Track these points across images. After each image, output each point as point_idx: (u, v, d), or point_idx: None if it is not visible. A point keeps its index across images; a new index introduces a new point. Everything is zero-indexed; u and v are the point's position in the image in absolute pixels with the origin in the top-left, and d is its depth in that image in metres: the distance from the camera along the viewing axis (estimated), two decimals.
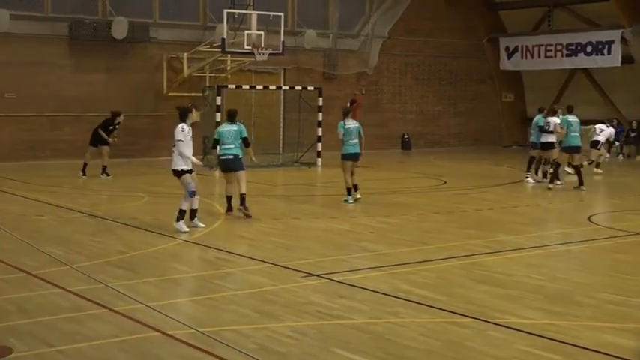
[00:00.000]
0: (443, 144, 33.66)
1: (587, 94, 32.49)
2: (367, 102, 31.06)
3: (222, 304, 8.57)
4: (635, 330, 7.77)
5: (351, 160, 16.51)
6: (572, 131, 18.95)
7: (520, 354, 6.99)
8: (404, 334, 7.52)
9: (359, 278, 9.74)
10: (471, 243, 12.26)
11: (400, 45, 31.95)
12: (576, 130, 19.04)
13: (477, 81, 34.82)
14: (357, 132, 16.53)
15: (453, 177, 22.09)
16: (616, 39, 30.02)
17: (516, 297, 8.99)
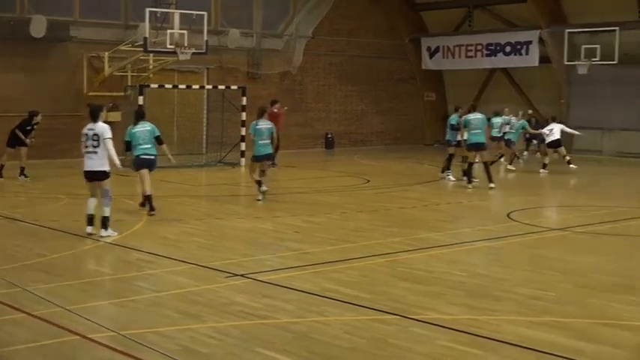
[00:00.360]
0: (366, 143, 33.91)
1: (506, 92, 33.16)
2: (291, 101, 31.10)
3: (144, 306, 8.47)
4: (552, 323, 7.96)
5: (260, 160, 16.50)
6: (473, 129, 19.21)
7: (443, 349, 7.09)
8: (328, 332, 7.55)
9: (283, 278, 9.74)
10: (394, 241, 12.39)
11: (324, 45, 32.07)
12: (478, 128, 19.26)
13: (399, 80, 35.17)
14: (269, 133, 16.48)
15: (376, 175, 22.27)
16: (534, 39, 30.68)
17: (438, 293, 9.12)
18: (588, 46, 28.29)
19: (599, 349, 7.13)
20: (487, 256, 11.68)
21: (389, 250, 11.62)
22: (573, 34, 29.04)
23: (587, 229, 13.90)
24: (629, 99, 29.05)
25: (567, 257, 11.46)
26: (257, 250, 11.74)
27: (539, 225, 14.17)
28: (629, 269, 10.72)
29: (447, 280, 9.80)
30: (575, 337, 7.51)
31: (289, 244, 12.12)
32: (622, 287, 9.58)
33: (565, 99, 30.85)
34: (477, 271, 10.36)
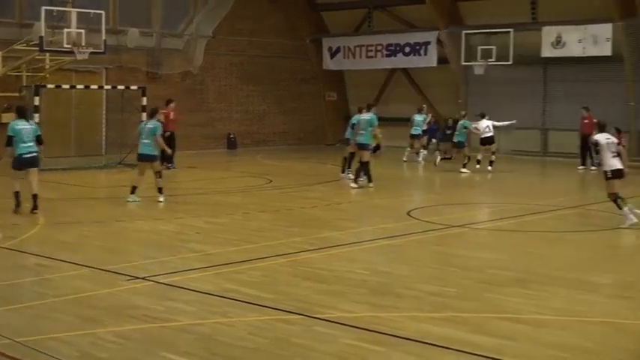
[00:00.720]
0: (268, 143, 33.89)
1: (405, 92, 33.67)
2: (193, 102, 30.87)
3: (42, 312, 8.25)
4: (452, 318, 8.12)
5: (144, 160, 16.32)
6: (360, 129, 19.49)
7: (346, 348, 7.14)
8: (231, 333, 7.51)
9: (185, 279, 9.65)
10: (296, 240, 12.42)
11: (225, 44, 31.89)
12: (363, 129, 19.50)
13: (301, 80, 35.28)
14: (152, 133, 16.30)
15: (279, 176, 22.28)
16: (432, 40, 31.24)
17: (341, 292, 9.18)
18: (484, 47, 29.01)
19: (496, 342, 7.30)
20: (388, 253, 11.81)
21: (291, 249, 11.64)
22: (470, 35, 29.73)
23: (485, 225, 14.24)
24: (523, 98, 29.87)
25: (467, 253, 11.71)
26: (158, 252, 11.58)
27: (439, 222, 14.43)
28: (524, 264, 11.01)
29: (349, 279, 9.87)
30: (474, 331, 7.67)
31: (191, 246, 12.01)
32: (518, 282, 9.84)
33: (462, 99, 31.51)
34: (378, 269, 10.47)
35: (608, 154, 13.97)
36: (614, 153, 14.01)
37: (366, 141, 19.41)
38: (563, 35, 27.70)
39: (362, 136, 19.42)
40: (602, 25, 26.88)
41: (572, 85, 28.91)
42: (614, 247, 12.64)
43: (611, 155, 13.98)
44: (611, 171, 13.98)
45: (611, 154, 13.98)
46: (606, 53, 26.86)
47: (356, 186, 19.02)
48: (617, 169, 14.02)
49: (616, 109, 27.42)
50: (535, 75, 29.93)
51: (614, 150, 14.02)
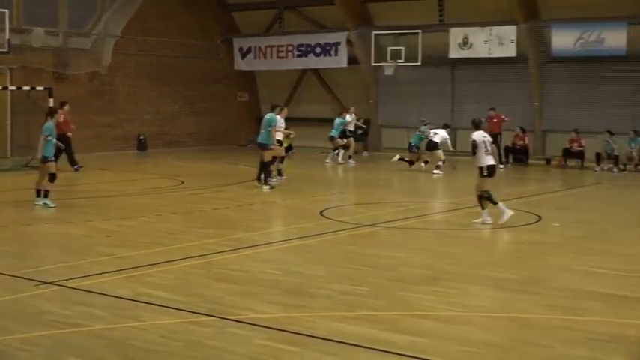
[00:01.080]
0: (180, 144, 33.59)
1: (317, 93, 33.85)
2: (101, 102, 30.40)
3: None
4: (365, 317, 8.21)
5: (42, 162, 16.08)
6: (261, 128, 19.64)
7: (259, 348, 7.15)
8: (144, 337, 7.44)
9: (96, 283, 9.50)
10: (209, 242, 12.36)
11: (134, 44, 31.46)
12: (263, 128, 19.54)
13: (212, 81, 35.07)
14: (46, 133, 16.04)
15: (191, 177, 22.12)
16: (342, 41, 31.48)
17: (254, 293, 9.19)
18: (394, 47, 29.41)
19: (409, 339, 7.42)
20: (301, 253, 11.86)
21: (204, 251, 11.58)
22: (379, 35, 30.08)
23: (396, 224, 14.42)
24: (432, 98, 30.39)
25: (378, 252, 11.85)
26: (68, 256, 11.35)
27: (352, 222, 14.56)
28: (434, 261, 11.22)
29: (262, 279, 9.89)
30: (386, 329, 7.78)
31: (101, 249, 11.82)
32: (429, 279, 10.02)
33: (373, 99, 31.86)
34: (291, 269, 10.51)
35: (482, 151, 14.26)
36: (488, 151, 14.31)
37: (264, 141, 19.43)
38: (469, 36, 28.29)
39: (260, 135, 19.52)
40: (507, 27, 27.57)
41: (479, 86, 29.56)
42: (519, 243, 12.98)
43: (484, 153, 14.27)
44: (487, 167, 14.29)
45: (485, 152, 14.28)
46: (511, 54, 27.56)
47: (267, 188, 19.03)
48: (492, 165, 14.35)
49: (521, 109, 28.18)
50: (443, 75, 30.49)
51: (488, 148, 14.33)
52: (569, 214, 16.27)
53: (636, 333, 7.78)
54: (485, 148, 14.30)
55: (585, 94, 27.27)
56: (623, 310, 8.66)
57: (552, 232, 13.87)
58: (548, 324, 8.09)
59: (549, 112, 28.21)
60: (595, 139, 26.05)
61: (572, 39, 26.32)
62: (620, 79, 26.48)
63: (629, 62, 25.90)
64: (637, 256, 11.69)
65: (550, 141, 28.26)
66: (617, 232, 13.93)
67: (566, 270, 10.73)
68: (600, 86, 26.86)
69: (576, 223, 14.92)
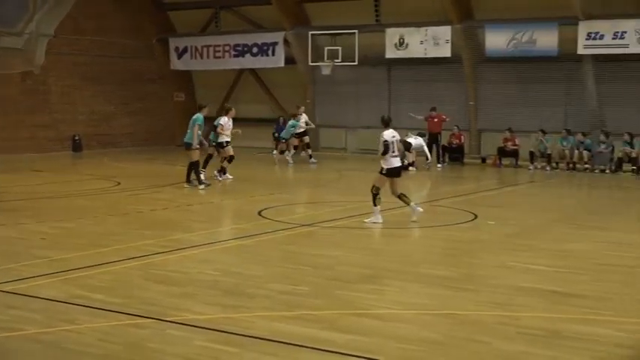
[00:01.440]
0: (116, 144, 33.20)
1: (254, 92, 33.77)
2: (34, 102, 29.87)
3: None
4: (304, 316, 8.23)
5: None
6: (188, 128, 19.61)
7: (198, 349, 7.12)
8: (80, 340, 7.34)
9: (30, 287, 9.33)
10: (147, 243, 12.24)
11: (68, 44, 30.94)
12: (190, 128, 19.47)
13: (148, 81, 34.73)
14: None
15: (127, 178, 21.89)
16: (279, 41, 31.47)
17: (193, 294, 9.13)
18: (330, 47, 29.50)
19: (348, 338, 7.46)
20: (240, 254, 11.83)
21: (142, 252, 11.47)
22: (316, 35, 30.15)
23: (335, 223, 14.47)
24: (368, 98, 30.57)
25: (317, 252, 11.88)
26: (1, 260, 11.11)
27: (290, 221, 14.57)
28: (373, 260, 11.29)
29: (201, 280, 9.84)
30: (326, 328, 7.81)
31: (36, 252, 11.60)
32: (367, 278, 10.08)
33: (311, 99, 31.91)
34: (230, 270, 10.48)
35: (390, 152, 14.27)
36: (394, 152, 14.32)
37: (189, 140, 19.42)
38: (405, 37, 28.54)
39: (186, 135, 19.52)
40: (442, 27, 27.90)
41: (415, 85, 29.82)
42: (456, 241, 13.13)
43: (392, 154, 14.28)
44: (388, 169, 14.32)
45: (392, 153, 14.28)
46: (446, 54, 27.89)
47: (200, 186, 18.93)
48: (395, 168, 14.37)
49: (457, 108, 28.53)
50: (380, 75, 30.71)
51: (395, 148, 14.32)
52: (504, 211, 16.53)
53: (570, 328, 7.95)
54: (392, 149, 14.29)
55: (519, 93, 27.74)
56: (558, 305, 8.83)
57: (488, 229, 14.07)
58: (485, 320, 8.22)
59: (484, 111, 28.62)
60: (529, 138, 26.53)
61: (505, 39, 26.75)
62: (553, 78, 27.00)
63: (561, 62, 26.43)
64: (570, 253, 11.93)
65: (485, 140, 28.67)
66: (550, 229, 14.20)
67: (502, 267, 10.90)
68: (534, 86, 27.34)
69: (511, 220, 15.16)
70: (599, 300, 9.07)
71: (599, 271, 10.69)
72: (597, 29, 25.08)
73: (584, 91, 26.40)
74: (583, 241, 12.92)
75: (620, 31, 24.67)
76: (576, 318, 8.26)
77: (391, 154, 14.25)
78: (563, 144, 25.71)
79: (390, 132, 14.41)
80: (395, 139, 14.36)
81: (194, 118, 19.53)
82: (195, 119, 19.48)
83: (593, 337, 7.58)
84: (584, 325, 8.00)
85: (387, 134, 14.35)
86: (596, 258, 11.56)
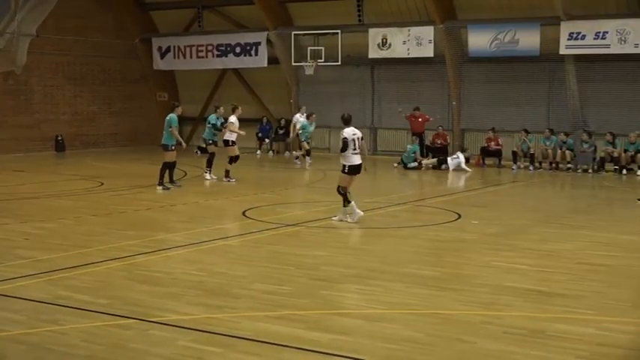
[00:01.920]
0: (99, 144, 33.09)
1: (238, 93, 33.67)
2: (17, 103, 29.74)
3: None
4: (289, 317, 8.23)
5: None
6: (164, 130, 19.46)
7: (182, 350, 7.11)
8: (64, 341, 7.31)
9: (13, 288, 9.29)
10: (131, 244, 12.21)
11: (50, 43, 30.81)
12: (165, 129, 19.37)
13: (131, 81, 34.62)
14: None
15: (111, 178, 21.82)
16: (262, 41, 31.42)
17: (177, 294, 9.12)
18: (314, 47, 29.51)
19: (332, 338, 7.47)
20: (225, 254, 11.82)
21: (126, 253, 11.44)
22: (299, 35, 30.15)
23: (319, 223, 14.48)
24: (352, 98, 30.57)
25: (301, 252, 11.88)
26: None
27: (274, 221, 14.57)
28: (357, 260, 11.30)
29: (185, 281, 9.82)
30: (311, 328, 7.81)
31: (19, 252, 11.55)
32: (352, 278, 10.10)
33: (294, 99, 31.89)
34: (215, 270, 10.47)
35: (350, 149, 14.41)
36: (356, 149, 14.48)
37: (164, 141, 19.29)
38: (388, 37, 28.58)
39: (163, 137, 19.35)
40: (425, 28, 27.96)
41: (399, 85, 29.88)
42: (440, 241, 13.17)
43: (352, 151, 14.43)
44: (349, 166, 14.49)
45: (353, 150, 14.43)
46: (429, 54, 27.96)
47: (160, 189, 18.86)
48: (356, 165, 14.54)
49: (440, 108, 28.61)
50: (363, 75, 30.73)
51: (356, 146, 14.49)
52: (488, 211, 16.58)
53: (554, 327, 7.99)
54: (353, 146, 14.42)
55: (502, 93, 27.82)
56: (542, 304, 8.87)
57: (472, 229, 14.12)
58: (469, 320, 8.25)
59: (467, 111, 28.70)
60: (512, 138, 26.64)
61: (488, 39, 26.83)
62: (535, 78, 27.13)
63: (543, 62, 26.56)
64: (554, 252, 11.98)
65: (468, 140, 28.75)
66: (534, 229, 14.26)
67: (486, 266, 10.94)
68: (516, 86, 27.44)
69: (495, 220, 15.21)
70: (583, 299, 9.12)
71: (582, 270, 10.75)
72: (579, 29, 25.21)
73: (566, 91, 26.53)
74: (566, 241, 12.99)
75: (601, 31, 24.80)
76: (560, 317, 8.31)
77: (352, 152, 14.40)
78: (546, 144, 25.82)
79: (350, 130, 14.57)
80: (355, 136, 14.54)
81: (168, 119, 19.33)
82: (170, 120, 19.30)
83: (576, 336, 7.62)
84: (567, 324, 8.04)
85: (348, 132, 14.52)
86: (579, 257, 11.63)
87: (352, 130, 14.57)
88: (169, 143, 19.27)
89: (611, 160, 24.77)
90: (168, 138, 19.30)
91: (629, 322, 8.27)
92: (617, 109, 25.62)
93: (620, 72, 25.48)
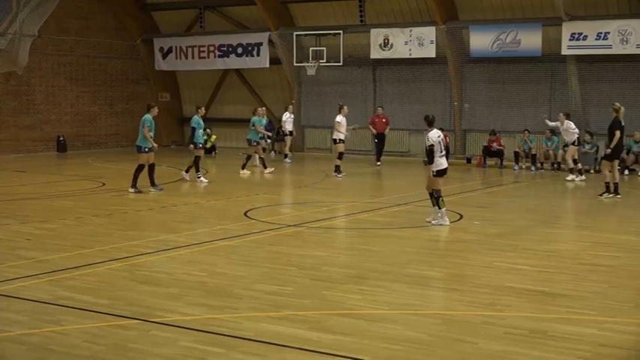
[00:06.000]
0: (100, 145, 33.11)
1: (239, 93, 33.75)
2: (18, 103, 29.75)
3: None
4: (291, 317, 8.23)
5: None
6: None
7: (184, 350, 7.11)
8: (66, 342, 7.32)
9: (15, 288, 9.30)
10: (132, 244, 12.21)
11: (52, 44, 30.88)
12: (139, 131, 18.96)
13: (132, 81, 34.65)
14: None
15: (112, 178, 21.83)
16: (264, 41, 31.43)
17: (178, 295, 9.12)
18: (315, 48, 29.51)
19: (334, 339, 7.47)
20: (226, 255, 11.81)
21: (127, 253, 11.44)
22: (301, 36, 30.15)
23: (321, 224, 14.48)
24: (353, 99, 30.55)
25: (303, 252, 11.88)
26: None
27: (276, 222, 14.57)
28: (359, 261, 11.30)
29: (187, 281, 9.82)
30: (312, 328, 7.81)
31: (21, 253, 11.57)
32: (353, 278, 10.09)
33: (296, 99, 31.90)
34: (216, 271, 10.47)
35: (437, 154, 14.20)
36: (442, 152, 14.35)
37: (139, 143, 18.89)
38: (390, 37, 28.57)
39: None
40: (426, 28, 27.96)
41: (400, 86, 29.87)
42: (441, 241, 13.17)
43: (439, 154, 14.26)
44: (437, 171, 14.23)
45: (440, 154, 14.27)
46: (431, 55, 27.96)
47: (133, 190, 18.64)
48: (444, 169, 14.35)
49: (442, 108, 28.60)
50: (365, 75, 30.74)
51: (442, 148, 14.34)
52: (490, 212, 16.58)
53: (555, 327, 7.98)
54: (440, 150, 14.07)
55: (504, 94, 27.83)
56: (543, 305, 8.87)
57: (473, 229, 14.11)
58: (471, 320, 8.25)
59: (469, 111, 28.67)
60: (514, 138, 26.63)
61: (490, 40, 26.82)
62: (537, 79, 27.14)
63: (545, 63, 26.56)
64: (555, 253, 11.98)
65: (470, 140, 28.74)
66: (535, 229, 14.25)
67: (488, 267, 10.93)
68: (518, 86, 27.45)
69: (496, 220, 15.21)
70: (584, 300, 9.12)
71: (583, 270, 10.74)
72: (581, 30, 25.20)
73: (568, 91, 26.51)
74: (567, 241, 12.98)
75: (603, 31, 24.80)
76: (561, 318, 8.30)
77: (439, 155, 14.08)
78: (548, 144, 25.80)
79: (435, 132, 14.09)
80: (440, 138, 14.16)
81: (142, 119, 18.83)
82: (143, 120, 18.77)
83: (577, 337, 7.62)
84: (569, 324, 8.04)
85: (433, 136, 14.02)
86: (580, 258, 11.62)
87: (437, 133, 14.06)
88: (142, 145, 18.72)
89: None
90: (141, 139, 18.78)
91: (631, 322, 8.26)
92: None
93: (622, 72, 25.46)
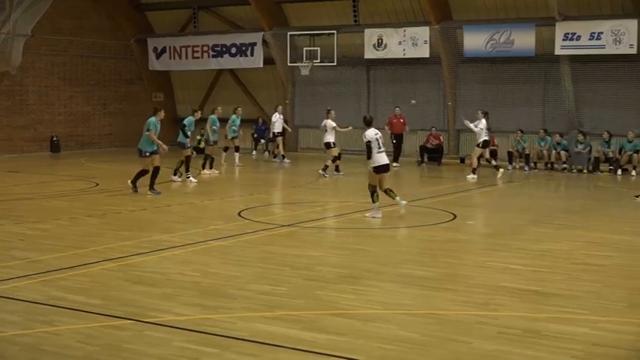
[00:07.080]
0: (94, 145, 33.07)
1: (233, 93, 33.73)
2: (11, 103, 29.69)
3: None
4: (284, 317, 8.23)
5: None
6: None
7: (177, 350, 7.10)
8: (59, 342, 7.31)
9: (8, 288, 9.28)
10: (126, 244, 12.20)
11: (45, 44, 30.82)
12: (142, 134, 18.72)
13: (126, 81, 34.62)
14: None
15: (106, 178, 21.80)
16: (258, 41, 31.42)
17: (172, 295, 9.11)
18: (309, 48, 29.51)
19: (328, 338, 7.47)
20: (220, 255, 11.80)
21: (121, 254, 11.43)
22: (295, 36, 30.15)
23: (314, 224, 14.48)
24: (347, 98, 30.59)
25: (296, 252, 11.88)
26: None
27: (270, 222, 14.57)
28: (352, 261, 11.30)
29: (180, 281, 9.81)
30: (306, 328, 7.81)
31: (14, 253, 11.54)
32: (347, 278, 10.09)
33: (290, 99, 31.90)
34: (210, 271, 10.46)
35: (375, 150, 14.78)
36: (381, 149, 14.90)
37: (140, 146, 18.60)
38: (384, 37, 28.59)
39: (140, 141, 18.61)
40: (420, 28, 27.98)
41: (394, 86, 29.88)
42: (435, 241, 13.18)
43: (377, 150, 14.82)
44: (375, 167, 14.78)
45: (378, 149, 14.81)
46: (424, 55, 27.97)
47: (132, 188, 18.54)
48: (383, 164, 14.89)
49: (435, 108, 28.63)
50: (359, 75, 30.75)
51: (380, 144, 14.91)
52: (483, 211, 16.61)
53: (548, 327, 8.00)
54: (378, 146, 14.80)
55: (497, 94, 27.85)
56: (536, 304, 8.88)
57: (467, 229, 14.14)
58: (465, 320, 8.26)
59: (463, 111, 28.67)
60: (507, 138, 26.66)
61: (483, 40, 26.85)
62: (531, 79, 27.16)
63: (538, 63, 26.60)
64: (548, 252, 12.00)
65: (464, 140, 28.76)
66: (529, 229, 14.28)
67: (481, 266, 10.95)
68: (511, 86, 27.48)
69: (490, 220, 15.25)
70: (577, 299, 9.14)
71: (577, 270, 10.76)
72: (574, 30, 25.25)
73: (561, 91, 26.56)
74: (561, 241, 13.01)
75: (596, 31, 24.85)
76: (555, 317, 8.32)
77: (377, 151, 14.81)
78: (541, 144, 25.85)
79: (372, 131, 14.97)
80: (378, 135, 14.95)
81: (147, 122, 18.59)
82: (148, 123, 18.53)
83: (570, 336, 7.63)
84: (562, 324, 8.05)
85: (370, 134, 14.93)
86: (574, 257, 11.64)
87: (374, 131, 14.99)
88: (143, 149, 18.51)
89: (605, 161, 24.81)
90: (144, 143, 18.54)
91: (624, 321, 8.28)
92: (612, 109, 25.64)
93: (615, 72, 25.50)
